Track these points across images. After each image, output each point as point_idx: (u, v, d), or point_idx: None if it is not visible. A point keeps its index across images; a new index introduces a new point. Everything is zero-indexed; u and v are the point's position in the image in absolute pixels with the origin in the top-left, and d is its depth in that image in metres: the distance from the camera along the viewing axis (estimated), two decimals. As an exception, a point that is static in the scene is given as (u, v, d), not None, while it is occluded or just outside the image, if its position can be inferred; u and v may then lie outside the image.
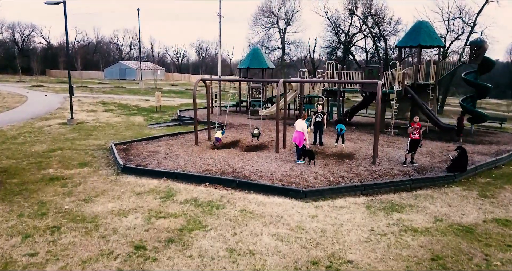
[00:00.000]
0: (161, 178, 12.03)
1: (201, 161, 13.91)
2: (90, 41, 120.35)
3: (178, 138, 18.84)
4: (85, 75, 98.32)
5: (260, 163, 13.78)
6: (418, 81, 23.66)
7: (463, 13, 42.79)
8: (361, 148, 17.33)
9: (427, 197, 11.22)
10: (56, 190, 10.77)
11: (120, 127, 22.12)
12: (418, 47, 23.48)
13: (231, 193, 10.81)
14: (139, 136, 19.42)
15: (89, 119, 24.79)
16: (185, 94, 49.51)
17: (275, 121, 26.42)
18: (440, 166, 14.44)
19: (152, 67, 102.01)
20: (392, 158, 15.42)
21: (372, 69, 22.57)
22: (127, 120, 25.13)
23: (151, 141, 17.75)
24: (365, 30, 50.07)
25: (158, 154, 15.01)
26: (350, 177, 12.41)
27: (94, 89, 48.62)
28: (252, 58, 30.02)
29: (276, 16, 47.78)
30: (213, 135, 17.16)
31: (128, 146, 16.60)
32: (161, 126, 22.72)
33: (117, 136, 19.25)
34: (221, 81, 23.78)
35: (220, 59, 73.85)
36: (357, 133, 21.85)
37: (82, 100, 34.85)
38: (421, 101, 22.34)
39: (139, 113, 29.29)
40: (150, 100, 39.30)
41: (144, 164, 13.39)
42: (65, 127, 21.56)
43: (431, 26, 23.98)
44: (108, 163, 13.98)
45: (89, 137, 18.88)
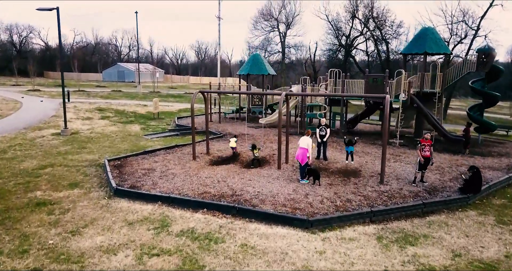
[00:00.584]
0: (155, 202, 11.24)
1: (198, 180, 13.12)
2: (89, 43, 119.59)
3: (175, 151, 18.04)
4: (84, 77, 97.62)
5: (261, 183, 12.99)
6: (424, 90, 22.90)
7: (467, 17, 42.06)
8: (367, 163, 16.55)
9: (442, 225, 10.44)
10: (42, 218, 9.97)
11: (115, 138, 21.32)
12: (424, 54, 22.70)
13: (231, 221, 10.01)
14: (134, 148, 18.64)
15: (84, 129, 23.99)
16: (183, 99, 48.69)
17: (276, 130, 25.83)
18: (452, 185, 13.66)
19: (151, 69, 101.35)
20: (400, 175, 14.64)
21: (377, 78, 21.79)
22: (123, 129, 24.33)
23: (147, 155, 16.96)
24: (366, 33, 49.33)
25: (153, 172, 14.21)
26: (357, 200, 11.62)
27: (91, 94, 47.77)
28: (252, 64, 29.24)
29: (276, 20, 46.98)
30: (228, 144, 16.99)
31: (123, 161, 15.81)
32: (158, 137, 21.92)
33: (112, 149, 18.46)
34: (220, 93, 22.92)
35: (220, 61, 73.24)
36: (361, 144, 21.05)
37: (78, 107, 34.04)
38: (427, 111, 21.56)
39: (136, 121, 28.50)
40: (148, 105, 38.48)
41: (138, 185, 12.60)
42: (59, 138, 20.76)
43: (437, 33, 23.21)
44: (101, 182, 13.18)
45: (83, 150, 18.08)
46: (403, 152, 19.41)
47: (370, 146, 20.55)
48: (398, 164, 16.56)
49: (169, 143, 20.33)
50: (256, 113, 29.54)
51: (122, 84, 75.45)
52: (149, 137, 21.97)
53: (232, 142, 17.09)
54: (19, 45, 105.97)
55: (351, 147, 15.89)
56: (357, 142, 16.33)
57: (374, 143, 21.67)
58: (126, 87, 66.32)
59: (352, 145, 15.85)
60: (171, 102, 43.88)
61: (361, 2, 47.49)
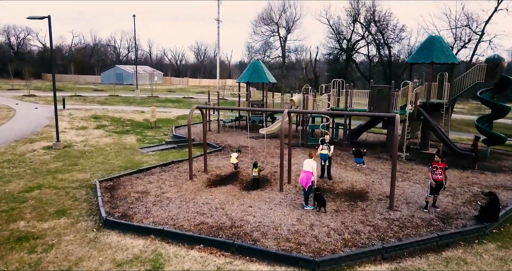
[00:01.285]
0: (148, 235, 10.36)
1: (195, 207, 12.23)
2: (87, 44, 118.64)
3: (171, 168, 17.16)
4: (82, 79, 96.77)
5: (262, 210, 12.11)
6: (430, 100, 22.04)
7: (471, 21, 41.18)
8: (373, 182, 15.65)
9: (460, 262, 9.57)
10: (22, 258, 9.09)
11: (109, 152, 20.42)
12: (431, 64, 21.82)
13: (229, 261, 9.13)
14: (129, 165, 17.75)
15: (78, 141, 23.08)
16: (182, 104, 47.80)
17: (277, 141, 24.93)
18: (466, 210, 12.79)
19: (150, 72, 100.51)
20: (410, 198, 13.76)
21: (382, 89, 20.91)
22: (118, 141, 23.43)
23: (142, 174, 16.07)
24: (367, 36, 48.48)
25: (147, 195, 13.32)
26: (367, 232, 10.75)
27: (88, 99, 46.87)
28: (252, 72, 28.34)
29: (276, 24, 46.07)
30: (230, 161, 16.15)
31: (115, 182, 14.92)
32: (154, 150, 21.03)
33: (104, 166, 17.56)
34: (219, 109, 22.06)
35: (219, 63, 72.33)
36: (366, 158, 20.15)
37: (73, 114, 33.14)
38: (435, 124, 20.70)
39: (132, 130, 27.60)
40: (145, 112, 37.60)
41: (130, 213, 11.71)
42: (50, 153, 19.85)
43: (444, 42, 22.33)
44: (90, 209, 12.29)
45: (74, 168, 17.18)
46: (410, 167, 18.53)
47: (375, 161, 19.65)
48: (407, 184, 15.68)
49: (165, 157, 19.46)
50: (257, 122, 28.68)
51: (120, 87, 74.54)
52: (145, 150, 21.07)
53: (233, 158, 16.22)
54: (16, 47, 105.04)
55: (360, 158, 15.43)
56: (365, 153, 15.68)
57: (380, 156, 20.80)
58: (124, 91, 65.48)
59: (361, 156, 15.24)
60: (169, 108, 42.97)
61: (362, 6, 46.66)
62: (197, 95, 61.33)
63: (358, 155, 15.58)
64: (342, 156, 20.33)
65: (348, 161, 19.39)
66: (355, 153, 15.67)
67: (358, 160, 15.69)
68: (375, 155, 21.10)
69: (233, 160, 16.10)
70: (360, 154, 15.54)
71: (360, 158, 15.57)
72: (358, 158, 15.65)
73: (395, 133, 12.60)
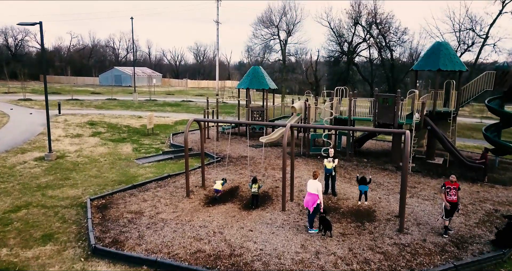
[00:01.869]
0: (140, 266, 9.55)
1: (192, 231, 11.42)
2: (86, 45, 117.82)
3: (167, 183, 16.35)
4: (80, 81, 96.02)
5: (264, 235, 11.30)
6: (437, 109, 21.25)
7: (474, 24, 40.44)
8: (380, 199, 14.85)
9: (480, 298, 8.78)
10: (0, 296, 8.29)
11: (104, 164, 19.61)
12: (437, 71, 21.03)
13: (228, 299, 8.33)
14: (123, 179, 16.95)
15: (71, 151, 22.26)
16: (181, 108, 46.98)
17: (278, 150, 24.20)
18: (481, 233, 12.00)
19: (149, 73, 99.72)
20: (421, 219, 12.97)
21: (387, 98, 20.12)
22: (113, 150, 22.61)
23: (136, 190, 15.25)
24: (369, 39, 47.70)
25: (141, 217, 12.52)
26: (377, 261, 9.95)
27: (85, 103, 46.03)
28: (252, 78, 27.51)
29: (277, 27, 45.23)
30: (213, 185, 14.66)
31: (108, 200, 14.11)
32: (150, 162, 20.21)
33: (98, 180, 16.74)
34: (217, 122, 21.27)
35: (218, 65, 71.59)
36: (370, 170, 19.39)
37: (68, 120, 32.31)
38: (442, 134, 19.91)
39: (128, 138, 26.78)
40: (142, 117, 36.78)
41: (122, 238, 10.89)
42: (41, 165, 19.03)
43: (451, 48, 21.53)
44: (79, 233, 11.47)
45: (66, 182, 16.36)
46: (418, 181, 17.75)
47: (380, 173, 18.87)
48: (415, 201, 14.88)
49: (161, 170, 18.66)
50: (257, 129, 27.88)
51: (118, 90, 73.75)
52: (141, 161, 20.25)
53: (218, 184, 14.50)
54: (14, 49, 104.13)
55: (364, 186, 13.88)
56: (371, 181, 14.39)
57: (385, 168, 20.01)
58: (122, 94, 64.65)
59: (365, 183, 13.87)
60: (167, 112, 42.15)
61: (364, 8, 45.91)
62: (196, 98, 60.53)
63: (363, 182, 14.14)
64: (346, 168, 19.55)
65: (353, 174, 18.61)
66: (360, 180, 14.19)
67: (362, 187, 13.93)
68: (380, 166, 20.32)
69: (217, 185, 14.67)
70: (364, 181, 14.07)
71: (365, 186, 13.91)
72: (362, 185, 13.92)
73: (406, 153, 11.78)
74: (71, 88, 62.63)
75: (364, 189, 13.65)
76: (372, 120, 21.00)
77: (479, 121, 46.39)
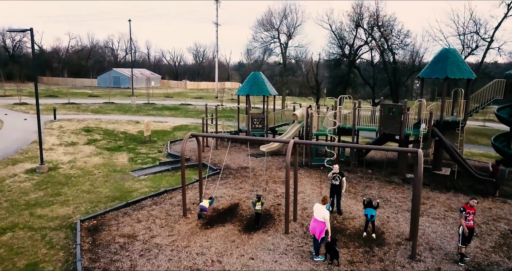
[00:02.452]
0: (131, 304, 8.74)
1: (188, 259, 10.59)
2: (84, 46, 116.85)
3: (163, 200, 15.52)
4: (78, 82, 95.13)
5: (266, 263, 10.48)
6: (445, 118, 20.45)
7: (479, 27, 39.59)
8: (388, 219, 14.03)
9: None
10: None
11: (98, 177, 18.77)
12: (445, 79, 20.21)
13: None
14: (117, 194, 16.12)
15: (65, 161, 21.42)
16: (179, 112, 46.16)
17: (279, 159, 23.33)
18: (498, 259, 11.20)
19: (148, 75, 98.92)
20: (433, 242, 12.16)
21: (393, 108, 19.29)
22: (108, 161, 21.77)
23: (130, 209, 14.42)
24: (371, 41, 46.82)
25: (134, 241, 11.69)
26: (389, 296, 9.13)
27: (82, 107, 45.17)
28: (252, 84, 26.69)
29: (277, 30, 44.33)
30: (201, 202, 13.79)
31: (100, 220, 13.28)
32: (146, 174, 19.37)
33: (90, 196, 15.91)
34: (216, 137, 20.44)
35: (217, 67, 70.84)
36: (376, 182, 18.60)
37: (64, 127, 31.48)
38: (451, 145, 19.11)
39: (125, 146, 25.95)
40: (140, 122, 35.96)
41: (112, 269, 10.06)
42: (32, 178, 18.19)
43: (459, 55, 20.71)
44: (67, 262, 10.63)
45: (56, 199, 15.52)
46: (426, 196, 16.92)
47: (386, 187, 18.05)
48: (426, 220, 14.06)
49: (157, 183, 17.84)
50: (257, 136, 27.04)
51: (117, 92, 72.97)
52: (137, 173, 19.42)
53: (205, 202, 13.54)
54: (12, 50, 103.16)
55: (371, 209, 12.45)
56: (379, 205, 13.34)
57: (390, 180, 19.19)
58: (120, 96, 63.84)
59: (373, 207, 12.63)
60: (165, 117, 41.33)
61: (366, 11, 45.00)
62: (195, 101, 59.70)
63: (370, 206, 12.50)
64: (350, 180, 18.72)
65: (358, 187, 17.82)
66: (366, 203, 12.67)
67: (369, 211, 12.43)
68: (386, 178, 19.51)
69: (204, 203, 13.75)
70: (371, 205, 12.58)
71: (372, 210, 12.45)
72: (369, 208, 12.47)
73: (418, 174, 10.96)
74: (68, 91, 61.87)
75: (371, 213, 12.46)
76: (378, 130, 20.20)
77: (482, 125, 45.67)
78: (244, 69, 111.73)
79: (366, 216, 12.50)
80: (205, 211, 13.45)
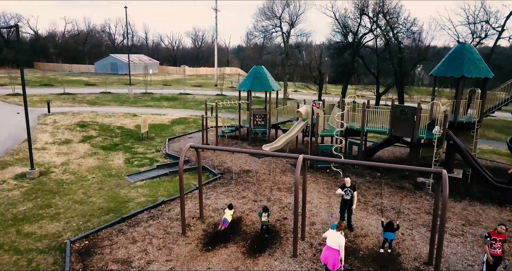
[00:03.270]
0: None
1: (188, 293, 9.62)
2: (81, 31, 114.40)
3: (161, 212, 14.49)
4: (75, 68, 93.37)
5: (274, 298, 9.51)
6: (459, 120, 19.33)
7: (489, 16, 38.06)
8: (403, 236, 13.03)
9: None
10: None
11: (92, 183, 17.71)
12: (461, 78, 18.98)
13: None
14: (112, 205, 15.11)
15: (57, 164, 20.33)
16: (178, 102, 44.90)
17: (283, 160, 22.17)
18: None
19: (146, 61, 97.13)
20: (454, 266, 11.19)
21: (406, 110, 18.11)
22: (103, 163, 20.69)
23: (125, 225, 13.40)
24: (375, 29, 45.23)
25: (129, 269, 10.68)
26: None
27: (77, 98, 43.80)
28: (254, 79, 25.40)
29: (279, 19, 42.66)
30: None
31: (92, 240, 12.27)
32: (143, 179, 18.29)
33: (83, 208, 14.88)
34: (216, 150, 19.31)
35: (217, 52, 69.21)
36: (386, 188, 17.58)
37: (58, 121, 30.29)
38: (466, 150, 18.01)
39: (121, 144, 24.85)
40: (137, 115, 34.80)
41: (104, 307, 9.09)
42: (22, 185, 17.13)
43: (476, 52, 19.38)
44: (54, 295, 9.67)
45: (46, 212, 14.48)
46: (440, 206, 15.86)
47: (398, 194, 17.01)
48: (443, 237, 13.04)
49: (155, 191, 16.81)
50: (259, 134, 25.95)
51: (114, 79, 71.45)
52: (133, 179, 18.35)
53: (228, 214, 12.93)
54: (7, 35, 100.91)
55: (391, 233, 11.65)
56: (399, 227, 12.27)
57: (401, 186, 18.18)
58: (118, 84, 62.36)
59: (392, 230, 11.72)
60: (164, 109, 40.09)
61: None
62: (193, 90, 58.29)
63: (389, 229, 11.66)
64: (359, 186, 17.68)
65: (367, 195, 16.79)
66: (385, 226, 11.78)
67: (388, 235, 11.68)
68: (396, 183, 18.50)
69: (227, 215, 12.95)
70: (391, 228, 11.67)
71: (391, 233, 11.67)
72: (389, 232, 11.69)
73: (444, 200, 9.89)
74: (64, 79, 60.25)
75: (390, 237, 11.61)
76: (388, 132, 19.07)
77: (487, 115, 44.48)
78: (244, 54, 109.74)
79: (386, 239, 11.56)
80: (224, 224, 12.81)
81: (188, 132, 28.91)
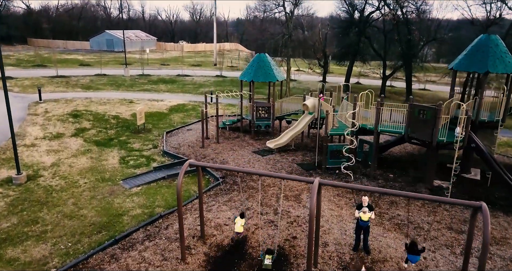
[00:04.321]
0: None
1: None
2: (75, 5, 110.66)
3: (158, 230, 13.22)
4: (70, 45, 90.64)
5: None
6: (481, 118, 17.85)
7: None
8: (426, 261, 11.78)
9: None
10: None
11: (83, 190, 16.37)
12: (485, 74, 17.35)
13: None
14: (104, 220, 13.84)
15: (47, 165, 18.94)
16: (176, 86, 43.13)
17: (288, 158, 20.82)
18: None
19: (143, 37, 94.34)
20: (486, 304, 9.99)
21: (425, 110, 16.54)
22: (97, 163, 19.32)
23: (118, 248, 12.13)
24: (382, 7, 42.92)
25: (121, 311, 9.49)
26: None
27: (71, 82, 41.94)
28: (257, 69, 23.66)
29: (282, -3, 40.23)
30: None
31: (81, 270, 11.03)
32: (138, 185, 16.94)
33: (73, 224, 13.59)
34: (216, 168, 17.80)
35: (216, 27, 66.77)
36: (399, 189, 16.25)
37: (49, 111, 28.68)
38: (489, 153, 16.60)
39: (116, 138, 23.45)
40: (134, 102, 33.20)
41: None
42: (7, 194, 15.79)
43: (502, 44, 17.63)
44: None
45: (32, 229, 13.20)
46: (460, 217, 14.61)
47: (414, 203, 15.67)
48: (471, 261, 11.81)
49: (152, 199, 15.53)
50: (262, 127, 24.46)
51: (110, 58, 69.24)
52: (128, 184, 17.01)
53: (238, 226, 12.08)
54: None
55: (415, 256, 10.52)
56: (424, 250, 11.02)
57: (417, 190, 16.88)
58: (114, 64, 60.34)
59: (417, 253, 10.51)
60: (161, 93, 38.38)
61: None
62: (192, 71, 56.22)
63: (412, 251, 10.46)
64: (373, 193, 16.35)
65: (382, 204, 15.50)
66: (409, 247, 10.55)
67: (412, 258, 10.54)
68: (411, 187, 17.20)
69: (238, 228, 11.99)
70: (415, 250, 10.44)
71: (416, 256, 10.51)
72: (412, 255, 10.51)
73: (485, 243, 8.53)
74: (58, 57, 58.03)
75: (415, 260, 10.44)
76: (404, 133, 17.59)
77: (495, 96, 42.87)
78: (243, 28, 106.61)
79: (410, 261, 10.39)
80: (240, 234, 12.17)
81: (187, 123, 27.42)
